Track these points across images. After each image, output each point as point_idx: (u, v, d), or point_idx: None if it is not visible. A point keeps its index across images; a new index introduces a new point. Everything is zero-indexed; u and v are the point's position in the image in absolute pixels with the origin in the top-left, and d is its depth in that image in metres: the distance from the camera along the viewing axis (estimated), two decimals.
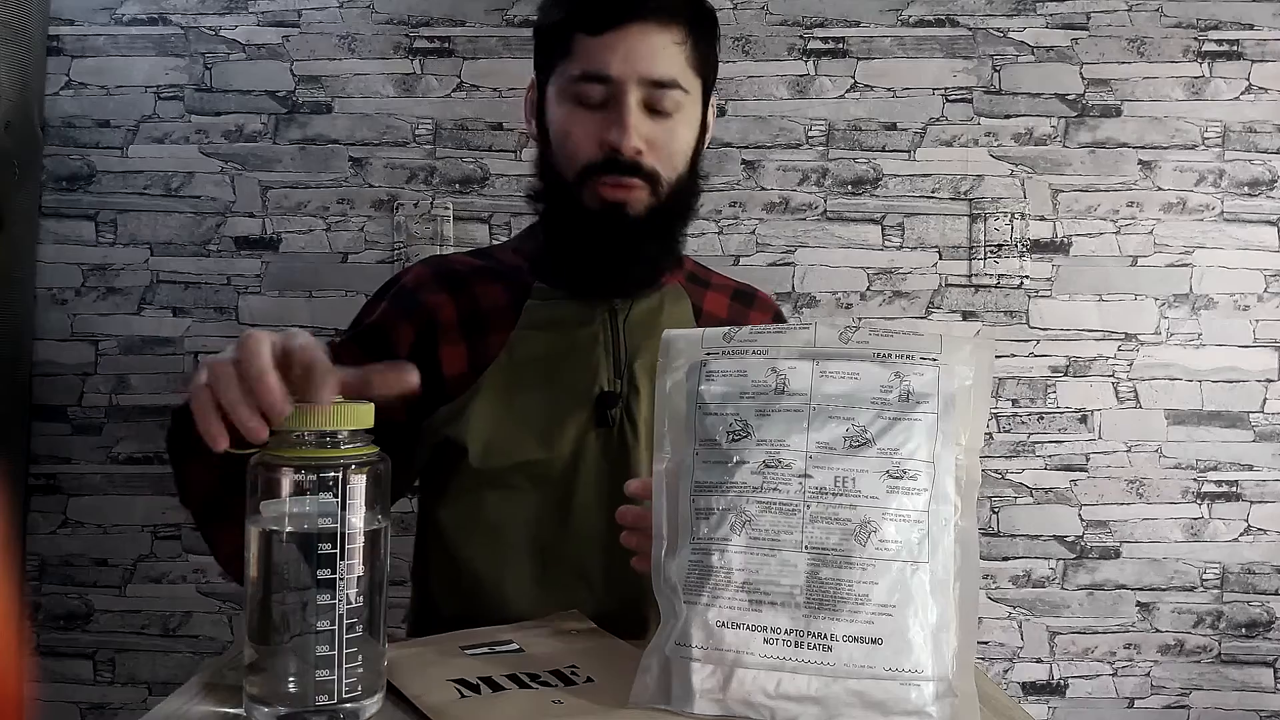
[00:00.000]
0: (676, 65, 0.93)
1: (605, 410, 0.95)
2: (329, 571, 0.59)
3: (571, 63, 0.93)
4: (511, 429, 0.95)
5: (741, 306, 1.10)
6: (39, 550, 1.54)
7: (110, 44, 1.55)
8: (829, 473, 0.65)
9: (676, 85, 0.93)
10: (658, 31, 0.91)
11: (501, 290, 1.00)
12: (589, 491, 0.94)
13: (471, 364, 0.96)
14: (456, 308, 0.99)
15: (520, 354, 0.97)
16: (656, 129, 0.93)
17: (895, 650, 0.61)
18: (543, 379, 0.96)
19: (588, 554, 0.94)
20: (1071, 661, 1.56)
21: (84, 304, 1.55)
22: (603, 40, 0.91)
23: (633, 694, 0.65)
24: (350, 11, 1.56)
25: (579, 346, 0.97)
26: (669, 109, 0.93)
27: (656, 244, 0.98)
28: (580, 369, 0.96)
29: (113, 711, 1.54)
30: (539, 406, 0.95)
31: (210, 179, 1.55)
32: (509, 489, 0.94)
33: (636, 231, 0.95)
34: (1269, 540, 1.56)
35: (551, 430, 0.94)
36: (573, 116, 0.94)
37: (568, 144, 0.94)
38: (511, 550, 0.95)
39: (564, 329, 0.98)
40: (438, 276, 1.02)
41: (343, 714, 0.60)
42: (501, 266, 1.04)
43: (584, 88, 0.93)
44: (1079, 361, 1.56)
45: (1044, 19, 1.56)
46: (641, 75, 0.91)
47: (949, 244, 1.56)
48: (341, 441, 0.61)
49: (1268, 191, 1.56)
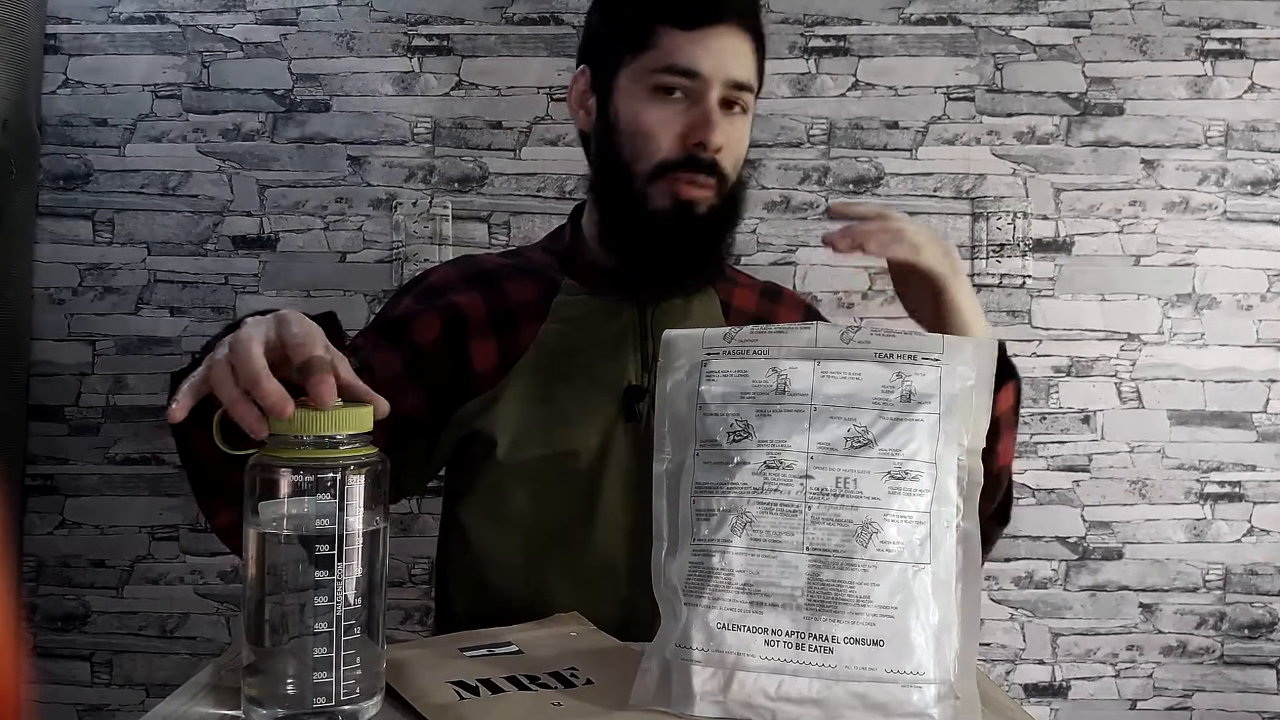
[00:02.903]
0: (751, 70, 0.96)
1: (633, 404, 0.96)
2: (327, 573, 0.59)
3: (654, 54, 0.93)
4: (540, 422, 0.95)
5: (769, 302, 1.10)
6: (36, 551, 1.53)
7: (108, 42, 1.55)
8: (830, 473, 0.64)
9: (750, 88, 0.96)
10: (740, 35, 0.94)
11: (531, 286, 1.01)
12: (615, 485, 0.95)
13: (502, 358, 0.97)
14: (486, 303, 0.99)
15: (549, 348, 0.97)
16: (730, 130, 0.95)
17: (897, 652, 0.61)
18: (571, 373, 0.96)
19: (614, 546, 0.95)
20: (1074, 663, 1.55)
21: (81, 304, 1.54)
22: (692, 36, 0.92)
23: (633, 696, 0.64)
24: (348, 10, 1.55)
25: (607, 341, 0.98)
26: (739, 111, 0.96)
27: (716, 244, 0.99)
28: (608, 363, 0.97)
29: (110, 713, 1.53)
30: (567, 400, 0.95)
31: (208, 178, 1.55)
32: (536, 482, 0.95)
33: (700, 231, 0.96)
34: (1272, 541, 1.55)
35: (579, 424, 0.95)
36: (651, 110, 0.94)
37: (645, 139, 0.94)
38: (538, 544, 0.95)
39: (593, 324, 0.98)
40: (466, 275, 1.03)
41: (341, 716, 0.60)
42: (530, 264, 1.05)
43: (667, 79, 0.93)
44: (1081, 361, 1.56)
45: (1046, 17, 1.56)
46: (727, 75, 0.93)
47: (951, 243, 1.55)
48: (340, 443, 0.61)
49: (1270, 190, 1.55)
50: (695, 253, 0.97)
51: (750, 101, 0.97)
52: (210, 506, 0.84)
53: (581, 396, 0.96)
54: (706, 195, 0.94)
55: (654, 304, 0.99)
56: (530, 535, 0.96)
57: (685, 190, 0.93)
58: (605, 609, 0.87)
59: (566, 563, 0.95)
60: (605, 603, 0.90)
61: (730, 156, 0.95)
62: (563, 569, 0.95)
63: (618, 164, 0.96)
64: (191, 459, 0.79)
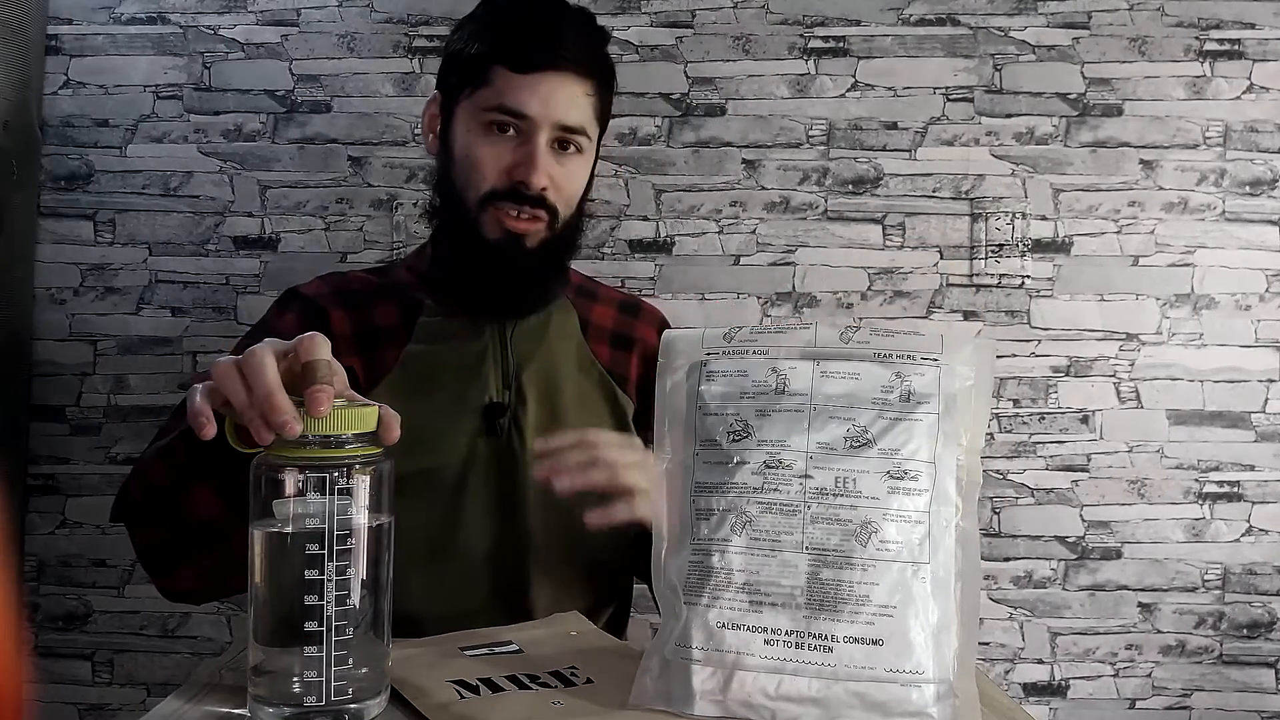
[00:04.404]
0: (586, 114, 1.00)
1: (494, 420, 0.99)
2: (333, 572, 0.59)
3: (488, 92, 0.98)
4: (404, 440, 0.96)
5: (628, 317, 1.14)
6: (37, 551, 1.54)
7: (109, 43, 1.55)
8: (829, 473, 0.64)
9: (583, 132, 1.00)
10: (575, 82, 0.99)
11: (395, 307, 1.04)
12: (479, 497, 0.99)
13: (366, 378, 1.00)
14: (351, 323, 1.03)
15: (413, 368, 1.01)
16: (559, 170, 0.99)
17: (896, 651, 0.61)
18: (434, 391, 1.00)
19: (477, 556, 0.98)
20: (1073, 662, 1.56)
21: (82, 304, 1.55)
22: (525, 79, 0.97)
23: (633, 695, 0.65)
24: (349, 10, 1.55)
25: (469, 359, 1.02)
26: (572, 152, 1.00)
27: (548, 274, 1.04)
28: (470, 381, 1.01)
29: (111, 712, 1.54)
30: (431, 418, 0.98)
31: (209, 178, 1.55)
32: (401, 497, 0.95)
33: (531, 262, 1.00)
34: (1271, 541, 1.55)
35: (443, 440, 0.98)
36: (482, 143, 0.99)
37: (474, 169, 0.99)
38: (404, 555, 0.95)
39: (455, 343, 1.02)
40: (335, 292, 1.06)
41: (347, 714, 0.60)
42: (395, 283, 1.08)
43: (498, 118, 0.98)
44: (1080, 361, 1.56)
45: (1045, 18, 1.56)
46: (556, 120, 0.98)
47: (950, 244, 1.56)
48: (345, 442, 0.61)
49: (1269, 191, 1.56)
50: (528, 281, 1.01)
51: (585, 143, 1.01)
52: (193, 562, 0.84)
53: (445, 414, 0.99)
54: (536, 228, 0.99)
55: (513, 322, 1.03)
56: (397, 548, 0.96)
57: (511, 223, 0.98)
58: (469, 617, 0.88)
59: (433, 572, 0.97)
60: (468, 610, 0.93)
61: (561, 194, 1.00)
62: (428, 578, 0.96)
63: (453, 190, 1.01)
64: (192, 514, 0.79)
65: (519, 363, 1.02)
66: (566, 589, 1.00)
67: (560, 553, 1.00)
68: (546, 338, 1.05)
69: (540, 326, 1.05)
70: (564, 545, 0.99)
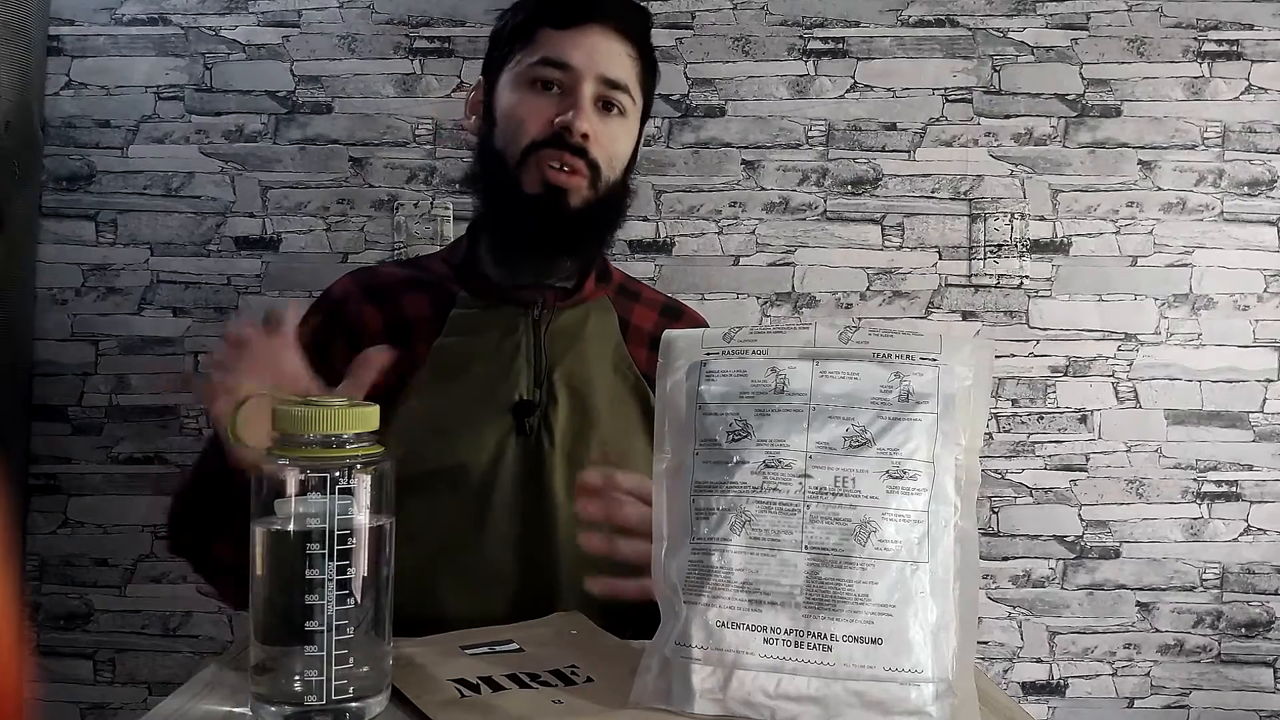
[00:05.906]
0: (629, 72, 1.00)
1: (523, 419, 0.97)
2: (334, 571, 0.60)
3: (532, 51, 0.98)
4: (432, 435, 0.96)
5: (669, 321, 1.11)
6: (39, 550, 1.54)
7: (110, 44, 1.56)
8: (829, 473, 0.65)
9: (626, 90, 1.00)
10: (617, 38, 0.99)
11: (426, 299, 1.03)
12: (505, 497, 0.96)
13: (398, 372, 0.97)
14: (383, 317, 1.02)
15: (444, 362, 0.99)
16: (603, 128, 0.99)
17: (895, 650, 0.61)
18: (464, 386, 0.98)
19: (503, 555, 0.96)
20: (1071, 661, 1.56)
21: (84, 304, 1.55)
22: (567, 34, 0.97)
23: (633, 694, 0.65)
24: (350, 11, 1.56)
25: (501, 354, 0.99)
26: (616, 114, 1.00)
27: (586, 240, 1.02)
28: (501, 378, 0.98)
29: (113, 711, 1.54)
30: (460, 413, 0.97)
31: (210, 179, 1.55)
32: (428, 495, 0.94)
33: (571, 223, 0.98)
34: (1269, 540, 1.56)
35: (471, 437, 0.96)
36: (525, 98, 0.99)
37: (518, 124, 0.98)
38: (428, 554, 0.94)
39: (487, 337, 1.00)
40: (364, 289, 1.05)
41: (348, 713, 0.60)
42: (428, 276, 1.06)
43: (542, 71, 0.98)
44: (1079, 361, 1.56)
45: (1044, 19, 1.57)
46: (599, 72, 0.98)
47: (949, 244, 1.56)
48: (347, 441, 0.61)
49: (1267, 191, 1.56)
50: (565, 244, 1.00)
51: (628, 104, 1.00)
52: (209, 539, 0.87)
53: (474, 410, 0.97)
54: (578, 183, 0.97)
55: (547, 318, 1.01)
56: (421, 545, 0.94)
57: (553, 175, 0.96)
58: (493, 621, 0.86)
59: (457, 571, 0.95)
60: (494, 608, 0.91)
61: (603, 151, 0.98)
62: (453, 578, 0.95)
63: (492, 152, 1.00)
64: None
65: (552, 360, 0.99)
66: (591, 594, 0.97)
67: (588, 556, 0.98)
68: (583, 336, 1.02)
69: (577, 324, 1.02)
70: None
